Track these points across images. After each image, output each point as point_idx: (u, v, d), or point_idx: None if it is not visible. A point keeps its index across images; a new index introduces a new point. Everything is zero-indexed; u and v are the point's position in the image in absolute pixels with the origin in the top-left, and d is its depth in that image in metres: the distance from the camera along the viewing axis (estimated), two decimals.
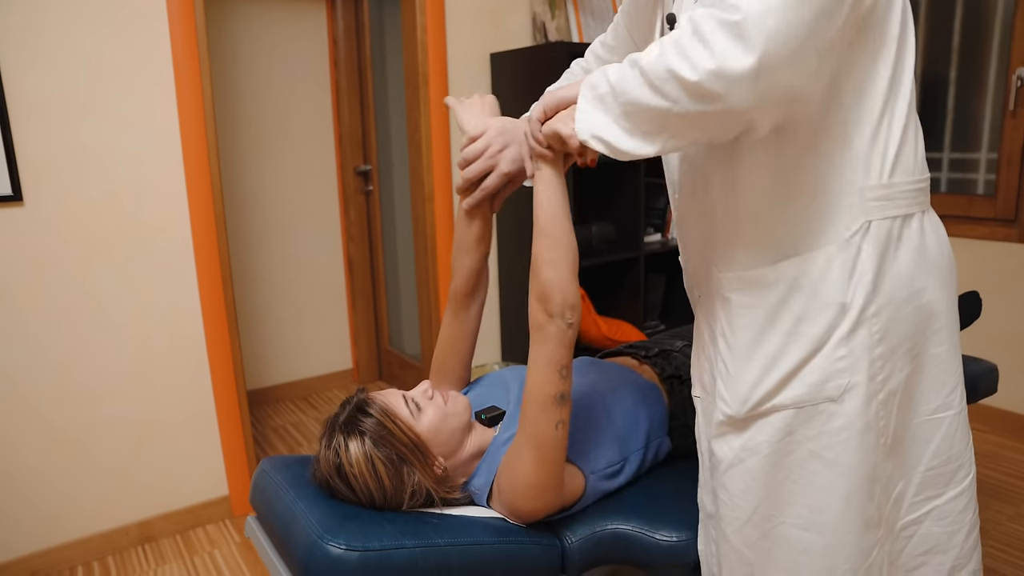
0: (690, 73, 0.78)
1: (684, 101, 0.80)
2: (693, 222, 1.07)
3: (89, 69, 2.04)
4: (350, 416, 1.18)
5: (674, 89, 0.80)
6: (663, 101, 0.82)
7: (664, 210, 3.21)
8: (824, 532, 0.96)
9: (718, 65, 0.76)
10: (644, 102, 0.84)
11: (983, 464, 2.65)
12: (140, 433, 2.27)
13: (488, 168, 1.21)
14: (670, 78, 0.80)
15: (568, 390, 1.10)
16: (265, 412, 3.40)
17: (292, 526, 1.10)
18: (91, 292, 2.13)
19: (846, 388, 0.93)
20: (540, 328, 1.07)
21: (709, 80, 0.77)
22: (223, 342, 2.33)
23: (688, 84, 0.79)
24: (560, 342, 1.07)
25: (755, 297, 0.96)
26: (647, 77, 0.83)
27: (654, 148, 0.88)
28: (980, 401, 2.89)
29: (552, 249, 1.06)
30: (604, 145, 0.91)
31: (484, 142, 1.21)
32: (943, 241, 1.00)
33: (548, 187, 1.07)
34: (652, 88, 0.83)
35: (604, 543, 1.23)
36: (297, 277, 3.49)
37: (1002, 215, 2.84)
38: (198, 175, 2.22)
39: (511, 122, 1.22)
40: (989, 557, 2.09)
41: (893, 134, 0.92)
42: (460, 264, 1.34)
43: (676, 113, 0.82)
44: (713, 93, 0.78)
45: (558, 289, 1.05)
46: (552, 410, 1.09)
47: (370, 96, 3.44)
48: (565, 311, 1.06)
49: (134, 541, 2.30)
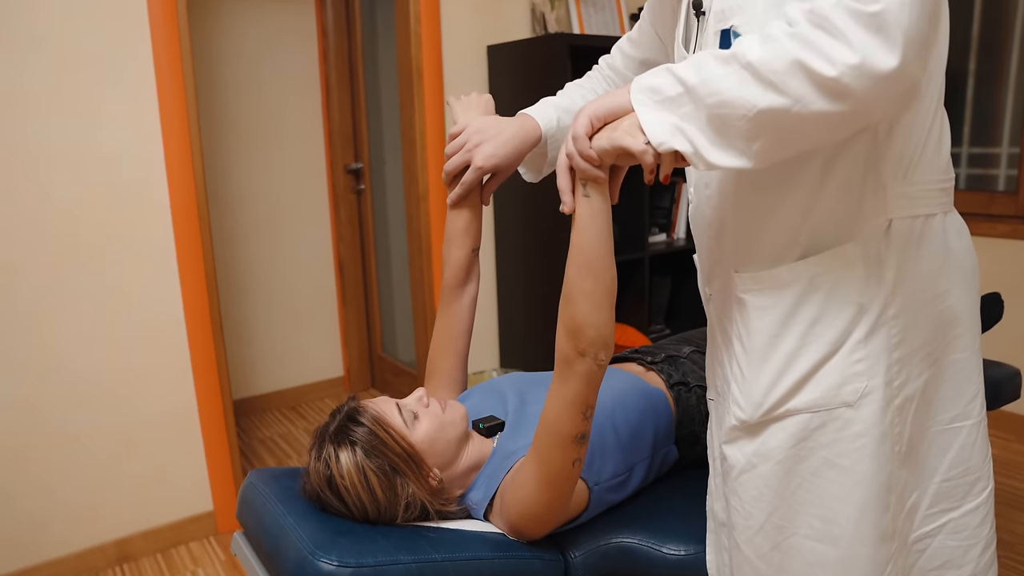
0: (826, 68, 0.74)
1: (811, 99, 0.77)
2: (709, 218, 1.07)
3: (61, 63, 2.04)
4: (340, 425, 1.18)
5: (801, 85, 0.76)
6: (781, 99, 0.78)
7: (670, 209, 3.22)
8: (838, 544, 0.96)
9: (861, 60, 0.73)
10: (750, 101, 0.79)
11: (1005, 474, 2.65)
12: (119, 446, 2.26)
13: (465, 162, 1.30)
14: (796, 72, 0.76)
15: (589, 430, 1.08)
16: (252, 423, 3.40)
17: (281, 541, 1.10)
18: (65, 298, 2.13)
19: (863, 393, 0.93)
20: (567, 364, 1.03)
21: (849, 76, 0.74)
22: (207, 349, 2.33)
23: (822, 80, 0.75)
24: (588, 382, 1.04)
25: (771, 298, 0.97)
26: (758, 72, 0.78)
27: (746, 159, 0.83)
28: (1002, 408, 2.89)
29: (593, 283, 1.00)
30: (692, 154, 0.86)
31: (463, 138, 1.30)
32: (966, 242, 1.00)
33: (595, 214, 0.99)
34: (766, 85, 0.78)
35: (609, 557, 1.23)
36: (285, 280, 3.49)
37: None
38: (181, 174, 2.22)
39: (495, 120, 1.30)
40: (1013, 571, 2.09)
41: (919, 132, 0.92)
42: (449, 256, 1.39)
43: (794, 113, 0.78)
44: (849, 90, 0.75)
45: (593, 326, 1.01)
46: (570, 449, 1.08)
47: (361, 90, 3.44)
48: (599, 351, 1.02)
49: (112, 561, 2.29)
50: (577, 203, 1.00)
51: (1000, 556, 2.15)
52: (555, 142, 1.34)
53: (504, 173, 1.33)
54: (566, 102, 1.35)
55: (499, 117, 1.33)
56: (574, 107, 1.34)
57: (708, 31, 0.97)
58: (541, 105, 1.35)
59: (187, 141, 2.21)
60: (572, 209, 1.01)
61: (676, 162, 0.90)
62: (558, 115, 1.33)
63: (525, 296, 2.95)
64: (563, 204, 1.01)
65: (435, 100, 2.79)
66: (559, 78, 2.57)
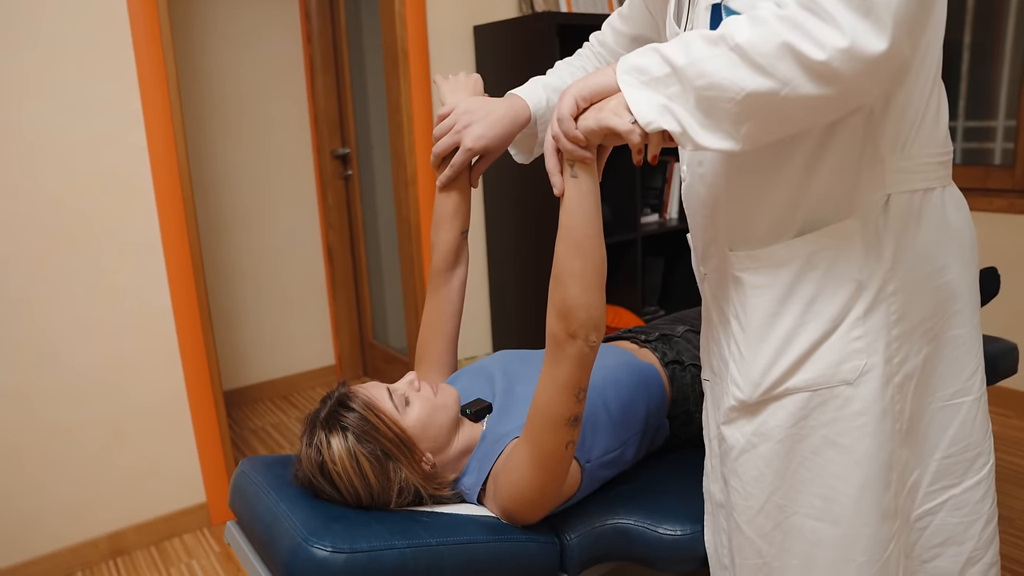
0: (815, 51, 0.74)
1: (799, 82, 0.77)
2: (703, 196, 1.07)
3: (40, 49, 2.01)
4: (331, 411, 1.18)
5: (789, 68, 0.76)
6: (769, 82, 0.78)
7: (662, 189, 3.21)
8: (840, 522, 0.97)
9: (851, 43, 0.73)
10: (738, 84, 0.79)
11: (1003, 449, 2.67)
12: (109, 438, 2.26)
13: (454, 144, 1.30)
14: (785, 56, 0.76)
15: (582, 412, 1.09)
16: (243, 413, 3.40)
17: (274, 529, 1.10)
18: (52, 287, 2.12)
19: (863, 370, 0.93)
20: (559, 347, 1.04)
21: (839, 59, 0.74)
22: (196, 339, 2.33)
23: (810, 63, 0.75)
24: (580, 364, 1.04)
25: (768, 276, 0.97)
26: (746, 55, 0.78)
27: (733, 141, 0.84)
28: (1000, 383, 2.91)
29: (583, 263, 1.01)
30: (680, 134, 0.86)
31: (451, 119, 1.30)
32: (965, 217, 1.01)
33: (583, 195, 1.00)
34: (755, 67, 0.78)
35: (605, 539, 1.24)
36: (273, 268, 3.48)
37: (1021, 186, 2.85)
38: (164, 162, 2.21)
39: (483, 101, 1.30)
40: (1012, 546, 2.11)
41: (917, 106, 0.92)
42: (438, 240, 1.40)
43: (783, 96, 0.78)
44: (838, 74, 0.75)
45: (583, 307, 1.01)
46: (563, 431, 1.08)
47: (347, 74, 3.42)
48: (590, 332, 1.03)
49: (105, 555, 2.30)
50: (565, 184, 1.00)
51: (1000, 532, 2.17)
52: (544, 122, 1.33)
53: (493, 154, 1.33)
54: (556, 81, 1.35)
55: (488, 98, 1.32)
56: (564, 86, 1.33)
57: (699, 6, 0.97)
58: (530, 85, 1.34)
59: (170, 128, 2.20)
60: (562, 191, 1.01)
61: (664, 142, 0.90)
62: (547, 95, 1.32)
63: (516, 280, 2.95)
64: (553, 187, 1.02)
65: (421, 82, 2.77)
66: (547, 58, 2.56)
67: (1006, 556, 2.06)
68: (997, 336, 1.96)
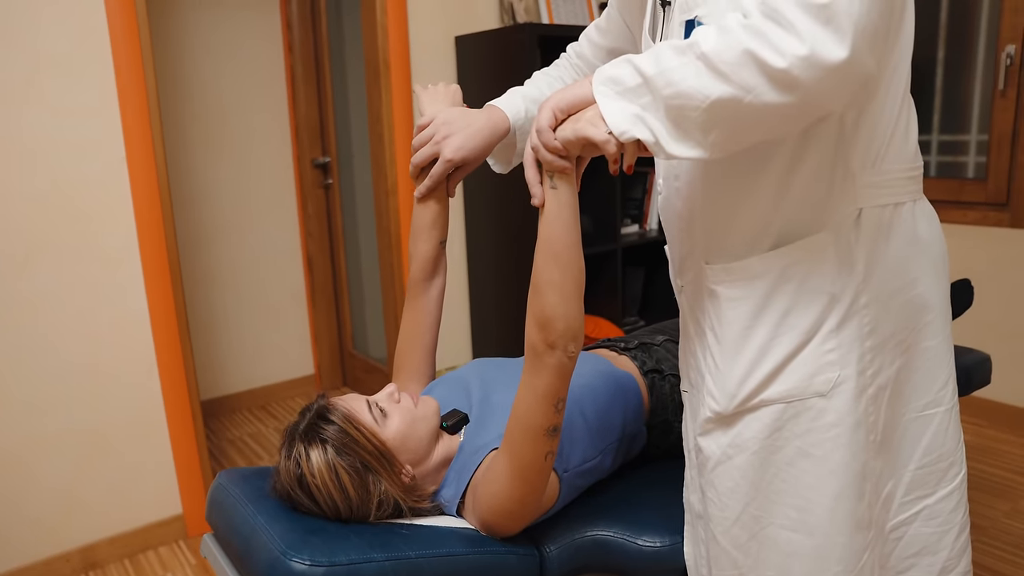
0: (776, 59, 0.76)
1: (761, 89, 0.79)
2: (679, 209, 1.08)
3: (18, 58, 2.00)
4: (310, 424, 1.17)
5: (752, 76, 0.78)
6: (732, 89, 0.80)
7: (642, 200, 3.24)
8: (814, 533, 0.98)
9: (810, 51, 0.75)
10: (703, 92, 0.81)
11: (977, 459, 2.71)
12: (82, 449, 2.23)
13: (433, 155, 1.30)
14: (747, 63, 0.78)
15: (561, 423, 1.09)
16: (221, 423, 3.37)
17: (252, 542, 1.09)
18: (26, 296, 2.09)
19: (835, 383, 0.95)
20: (537, 357, 1.05)
21: (799, 67, 0.76)
22: (173, 347, 2.31)
23: (772, 71, 0.77)
24: (559, 374, 1.05)
25: (743, 289, 0.98)
26: (711, 63, 0.80)
27: (701, 150, 0.86)
28: (974, 393, 2.96)
29: (561, 274, 1.02)
30: (653, 143, 0.88)
31: (431, 130, 1.30)
32: (936, 230, 1.02)
33: (562, 205, 1.01)
34: (719, 75, 0.80)
35: (584, 551, 1.24)
36: (252, 277, 3.47)
37: (993, 199, 2.90)
38: (143, 170, 2.19)
39: (462, 112, 1.31)
40: (985, 555, 2.14)
41: (887, 121, 0.94)
42: (416, 251, 1.40)
43: (746, 104, 0.80)
44: (799, 81, 0.77)
45: (562, 318, 1.02)
46: (542, 442, 1.09)
47: (328, 83, 3.42)
48: (568, 343, 1.03)
49: (77, 568, 2.26)
50: (545, 194, 1.02)
51: (973, 540, 2.20)
52: (523, 133, 1.34)
53: (472, 165, 1.34)
54: (534, 92, 1.36)
55: (467, 108, 1.33)
56: (542, 97, 1.35)
57: (674, 21, 0.99)
58: (509, 95, 1.35)
59: (149, 136, 2.19)
60: (542, 201, 1.02)
61: (639, 151, 0.92)
62: (526, 105, 1.33)
63: (496, 290, 2.96)
64: (533, 197, 1.03)
65: (403, 93, 2.78)
66: (528, 68, 2.58)
67: (980, 565, 2.09)
68: (970, 347, 1.99)
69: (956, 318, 1.92)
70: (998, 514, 2.34)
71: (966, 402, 3.01)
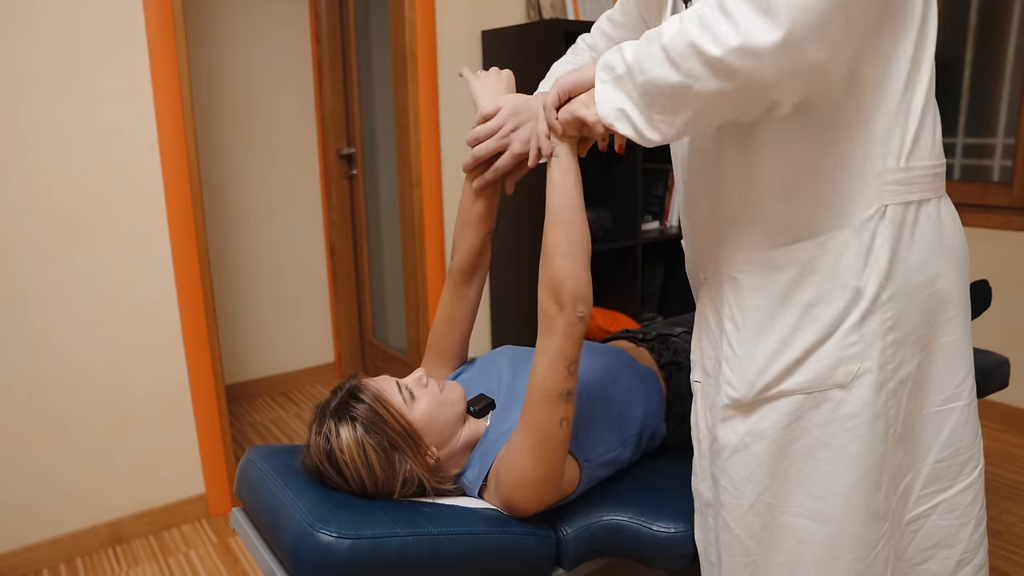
0: (713, 48, 0.80)
1: (705, 78, 0.83)
2: (702, 202, 1.10)
3: (56, 44, 2.06)
4: (342, 402, 1.22)
5: (696, 65, 0.83)
6: (684, 78, 0.85)
7: (663, 197, 3.26)
8: (828, 521, 1.00)
9: (743, 41, 0.78)
10: (665, 80, 0.87)
11: (994, 463, 2.71)
12: (112, 428, 2.30)
13: (500, 148, 1.25)
14: (692, 53, 0.83)
15: (574, 387, 1.13)
16: (243, 408, 3.44)
17: (281, 515, 1.14)
18: (58, 279, 2.16)
19: (856, 375, 0.97)
20: (549, 320, 1.09)
21: (732, 56, 0.80)
22: (200, 330, 2.37)
23: (710, 59, 0.81)
24: (569, 336, 1.09)
25: (766, 279, 1.00)
26: (667, 53, 0.85)
27: (673, 131, 0.92)
28: (991, 397, 2.96)
29: (566, 238, 1.08)
30: (631, 128, 0.94)
31: (498, 120, 1.24)
32: (958, 227, 1.04)
33: (564, 174, 1.09)
34: (672, 65, 0.85)
35: (600, 535, 1.28)
36: (276, 265, 3.53)
37: (1018, 203, 2.90)
38: (174, 156, 2.25)
39: (525, 99, 1.25)
40: (1002, 560, 2.14)
41: (912, 117, 0.96)
42: (463, 241, 1.41)
43: (696, 91, 0.85)
44: (735, 69, 0.80)
45: (570, 278, 1.08)
46: (557, 406, 1.12)
47: (354, 74, 3.46)
48: (577, 303, 1.08)
49: (105, 542, 2.33)
50: (549, 166, 1.11)
51: (989, 545, 2.21)
52: None
53: None
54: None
55: (527, 96, 1.27)
56: None
57: None
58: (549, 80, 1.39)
59: (180, 122, 2.24)
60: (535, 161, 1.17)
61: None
62: None
63: (517, 281, 2.99)
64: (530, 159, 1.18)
65: (429, 85, 2.82)
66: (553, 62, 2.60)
67: (996, 569, 2.10)
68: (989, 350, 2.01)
69: (974, 319, 1.93)
70: (1015, 519, 2.35)
71: (984, 405, 3.01)
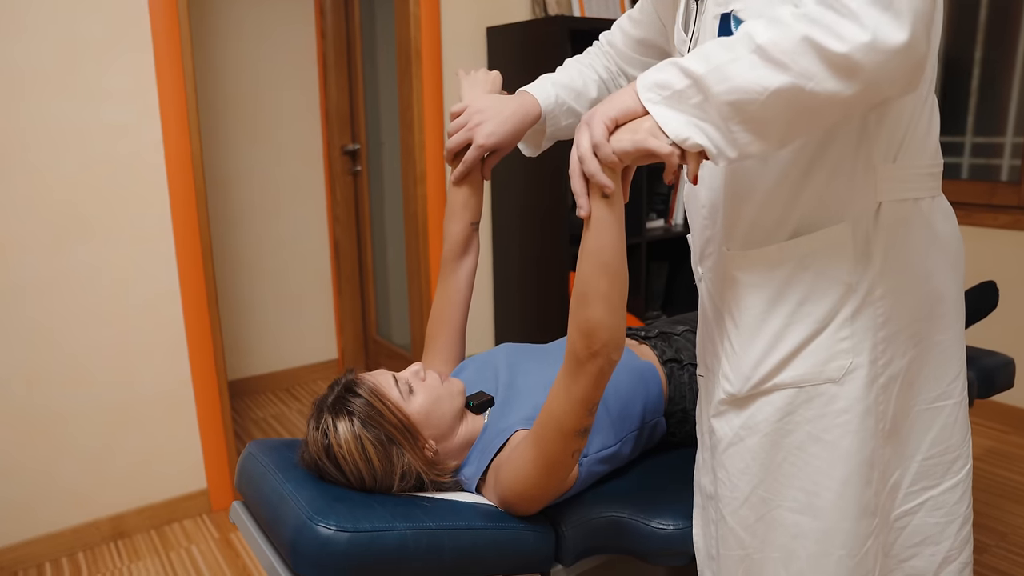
0: (837, 44, 0.78)
1: (822, 77, 0.80)
2: (702, 198, 1.11)
3: (55, 42, 2.07)
4: (339, 397, 1.23)
5: (812, 63, 0.80)
6: (794, 79, 0.81)
7: (668, 195, 3.26)
8: (820, 517, 1.02)
9: (873, 37, 0.77)
10: (763, 83, 0.82)
11: (999, 465, 2.71)
12: (115, 423, 2.32)
13: (466, 140, 1.36)
14: (807, 51, 0.79)
15: (591, 424, 1.14)
16: (245, 404, 3.46)
17: (280, 508, 1.15)
18: (62, 275, 2.18)
19: (848, 369, 0.98)
20: (579, 364, 1.07)
21: (861, 52, 0.77)
22: (203, 326, 2.39)
23: (833, 56, 0.78)
24: (597, 383, 1.08)
25: (761, 276, 1.02)
26: (767, 54, 0.81)
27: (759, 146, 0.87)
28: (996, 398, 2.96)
29: (609, 284, 1.02)
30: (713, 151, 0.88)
31: (464, 117, 1.36)
32: (953, 227, 1.05)
33: (611, 215, 1.00)
34: (777, 65, 0.81)
35: (599, 531, 1.29)
36: (280, 261, 3.54)
37: None
38: (178, 151, 2.27)
39: (496, 99, 1.36)
40: (1007, 562, 2.15)
41: (910, 116, 0.97)
42: (448, 231, 1.46)
43: (808, 92, 0.81)
44: (860, 66, 0.78)
45: (608, 328, 1.04)
46: (572, 441, 1.13)
47: (359, 70, 3.48)
48: (612, 352, 1.06)
49: (106, 537, 2.36)
50: (594, 204, 1.00)
51: (993, 546, 2.22)
52: (554, 119, 1.39)
53: (505, 150, 1.39)
54: (564, 78, 1.40)
55: (500, 95, 1.39)
56: (573, 84, 1.39)
57: (707, 15, 1.01)
58: (540, 82, 1.40)
59: (184, 119, 2.26)
60: (588, 212, 1.00)
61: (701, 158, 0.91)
62: (556, 92, 1.38)
63: (520, 277, 3.00)
64: (579, 208, 1.01)
65: (433, 82, 2.83)
66: (559, 60, 2.61)
67: (999, 571, 2.10)
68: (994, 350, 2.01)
69: (981, 319, 1.93)
70: (1019, 520, 2.35)
71: (989, 407, 3.01)
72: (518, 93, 1.38)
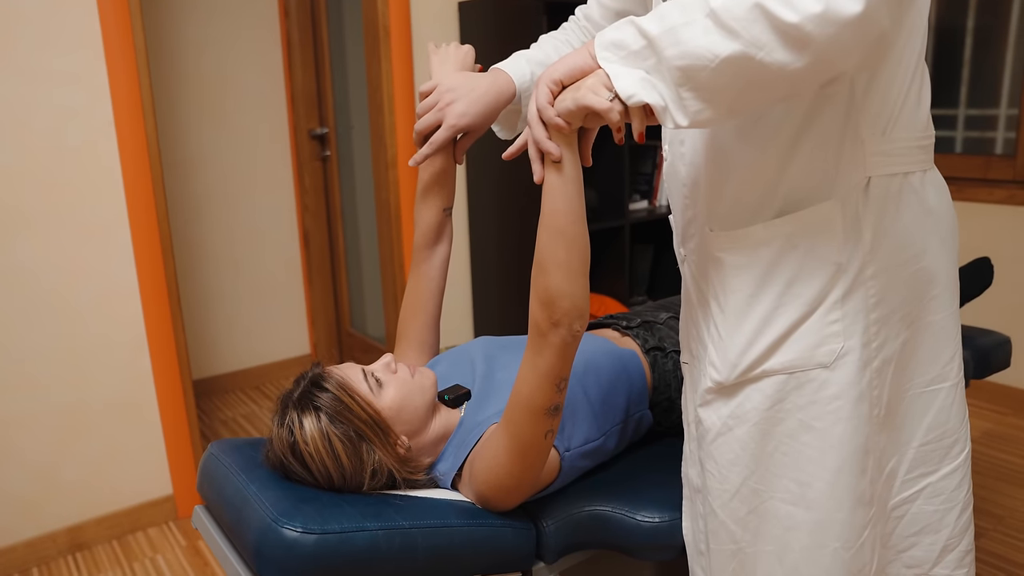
0: (788, 14, 0.77)
1: (772, 46, 0.79)
2: (683, 175, 1.10)
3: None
4: (304, 391, 1.21)
5: (763, 32, 0.79)
6: (744, 47, 0.80)
7: (651, 175, 3.25)
8: (813, 508, 1.01)
9: (825, 8, 0.76)
10: (713, 51, 0.82)
11: (996, 447, 2.74)
12: (70, 427, 2.28)
13: (437, 121, 1.32)
14: (758, 19, 0.79)
15: (562, 402, 1.13)
16: (213, 403, 3.43)
17: (243, 511, 1.13)
18: (10, 267, 2.13)
19: (839, 354, 0.98)
20: (541, 336, 1.07)
21: (812, 23, 0.77)
22: (164, 323, 2.35)
23: (784, 25, 0.78)
24: (562, 354, 1.07)
25: (747, 257, 1.01)
26: (720, 20, 0.81)
27: (709, 113, 0.86)
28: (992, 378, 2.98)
29: (567, 251, 1.03)
30: (662, 108, 0.88)
31: (434, 96, 1.32)
32: (946, 201, 1.04)
33: (566, 180, 1.02)
34: (728, 32, 0.81)
35: (582, 526, 1.28)
36: (247, 253, 3.51)
37: (1022, 177, 2.91)
38: (132, 137, 2.23)
39: (468, 76, 1.33)
40: (1005, 545, 2.17)
41: (900, 86, 0.96)
42: (419, 216, 1.44)
43: (757, 62, 0.80)
44: (811, 37, 0.78)
45: (568, 296, 1.04)
46: (543, 421, 1.12)
47: (325, 50, 3.44)
48: (574, 321, 1.05)
49: (63, 549, 2.32)
50: (547, 169, 1.03)
51: (990, 530, 2.24)
52: (529, 97, 1.37)
53: (478, 131, 1.36)
54: (540, 55, 1.38)
55: (472, 73, 1.35)
56: (548, 60, 1.37)
57: None
58: (514, 59, 1.38)
59: (138, 102, 2.22)
60: (542, 178, 1.04)
61: (646, 119, 0.92)
62: (531, 69, 1.35)
63: (498, 267, 2.99)
64: (533, 173, 1.04)
65: (404, 61, 2.80)
66: (533, 36, 2.56)
67: (997, 554, 2.12)
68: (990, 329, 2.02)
69: (976, 298, 1.94)
70: (1017, 503, 2.37)
71: (986, 387, 3.04)
72: (491, 71, 1.36)
